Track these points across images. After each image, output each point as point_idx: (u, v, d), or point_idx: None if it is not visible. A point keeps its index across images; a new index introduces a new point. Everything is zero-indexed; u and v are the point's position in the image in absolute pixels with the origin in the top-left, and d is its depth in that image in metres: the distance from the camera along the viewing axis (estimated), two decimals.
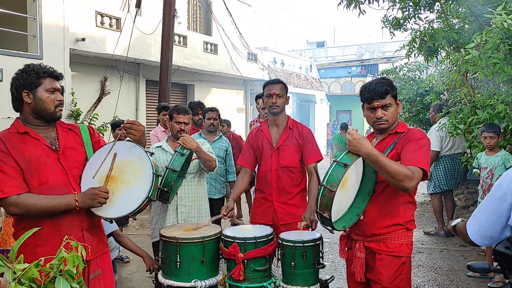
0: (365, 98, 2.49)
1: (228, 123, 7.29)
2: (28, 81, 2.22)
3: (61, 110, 2.36)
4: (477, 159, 5.06)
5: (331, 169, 2.26)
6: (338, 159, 2.28)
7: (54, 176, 2.25)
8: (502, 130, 4.95)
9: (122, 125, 2.45)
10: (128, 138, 2.45)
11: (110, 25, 11.12)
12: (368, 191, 2.45)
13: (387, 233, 2.45)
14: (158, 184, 2.97)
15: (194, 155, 3.34)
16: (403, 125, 2.53)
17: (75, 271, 1.53)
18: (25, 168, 2.19)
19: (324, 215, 2.26)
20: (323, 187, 2.25)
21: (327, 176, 2.26)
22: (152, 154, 2.47)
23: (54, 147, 2.31)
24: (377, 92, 2.42)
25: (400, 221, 2.46)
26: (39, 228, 1.73)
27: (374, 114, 2.47)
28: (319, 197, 2.28)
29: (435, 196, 6.61)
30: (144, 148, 2.47)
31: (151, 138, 5.55)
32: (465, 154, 6.54)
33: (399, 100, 2.52)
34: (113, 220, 2.62)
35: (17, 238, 2.18)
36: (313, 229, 3.09)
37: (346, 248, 2.69)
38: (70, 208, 2.22)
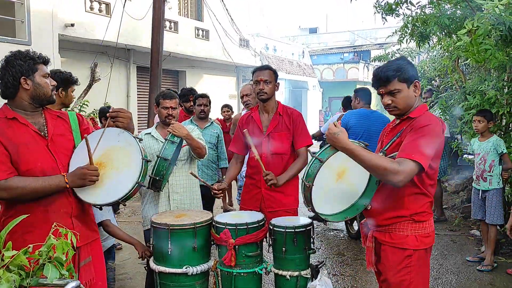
0: (372, 84, 2.44)
1: (231, 108, 7.35)
2: (25, 67, 2.21)
3: (55, 94, 2.39)
4: (471, 145, 5.11)
5: (310, 164, 2.27)
6: (317, 154, 2.25)
7: (42, 163, 2.23)
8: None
9: (108, 114, 2.43)
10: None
11: (100, 10, 10.96)
12: (376, 180, 2.34)
13: (391, 225, 2.31)
14: (149, 172, 2.96)
15: (184, 141, 3.32)
16: (420, 110, 2.32)
17: (64, 258, 1.52)
18: (13, 154, 2.17)
19: (308, 208, 2.28)
20: (302, 182, 2.27)
21: (306, 172, 2.27)
22: (140, 140, 2.46)
23: (42, 133, 2.29)
24: (379, 79, 2.32)
25: (405, 213, 2.28)
26: (27, 215, 1.72)
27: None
28: (302, 191, 2.31)
29: (437, 183, 6.61)
30: (133, 134, 2.46)
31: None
32: (456, 140, 6.59)
33: (417, 81, 2.31)
34: (103, 208, 2.61)
35: (5, 226, 2.17)
36: (266, 180, 3.11)
37: (366, 236, 2.55)
38: (60, 189, 2.21)
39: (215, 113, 8.28)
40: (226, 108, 7.38)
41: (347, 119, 5.08)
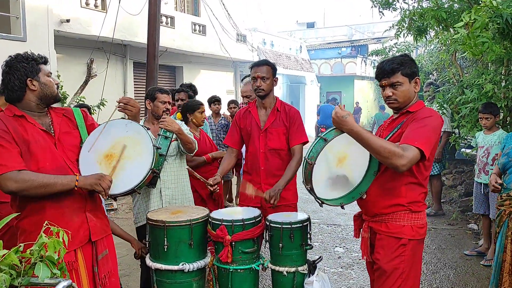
0: (375, 76, 2.50)
1: (237, 104, 7.25)
2: (29, 68, 2.25)
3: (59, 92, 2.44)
4: (475, 138, 5.09)
5: (314, 143, 2.33)
6: (322, 134, 2.33)
7: (51, 161, 2.26)
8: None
9: (117, 101, 2.54)
10: (121, 116, 2.47)
11: (96, 6, 10.89)
12: (374, 171, 2.43)
13: (389, 214, 2.39)
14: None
15: (174, 136, 3.31)
16: (419, 104, 2.42)
17: (56, 257, 1.50)
18: (24, 151, 2.19)
19: (307, 187, 2.34)
20: (305, 160, 2.33)
21: (309, 150, 2.32)
22: (148, 128, 2.49)
23: (50, 132, 2.32)
24: (383, 71, 2.39)
25: (402, 202, 2.37)
26: (17, 213, 1.70)
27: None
28: (303, 169, 2.36)
29: (437, 177, 6.61)
30: None
31: None
32: (453, 134, 6.57)
33: (417, 78, 2.41)
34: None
35: (20, 227, 2.19)
36: (271, 204, 3.04)
37: (359, 229, 2.65)
38: (68, 188, 2.21)
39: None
40: (233, 104, 7.31)
41: (324, 107, 12.90)
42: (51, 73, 2.36)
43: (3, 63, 2.28)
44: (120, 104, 2.55)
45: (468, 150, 6.23)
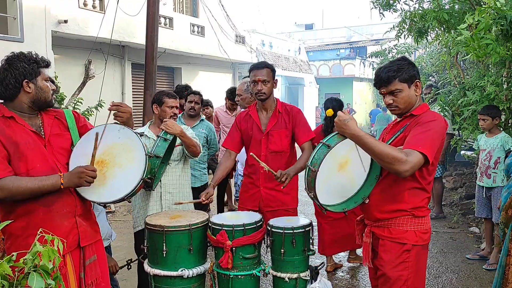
0: (373, 84, 2.46)
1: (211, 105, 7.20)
2: (29, 70, 2.19)
3: (54, 98, 2.37)
4: (477, 140, 5.04)
5: (316, 150, 2.28)
6: (324, 140, 2.27)
7: (41, 163, 2.20)
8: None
9: (108, 108, 2.44)
10: (115, 121, 2.42)
11: (94, 7, 10.83)
12: (376, 175, 2.38)
13: (391, 219, 2.33)
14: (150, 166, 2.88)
15: (178, 141, 3.23)
16: (422, 108, 2.36)
17: (51, 266, 1.44)
18: (13, 153, 2.13)
19: (310, 194, 2.29)
20: (307, 167, 2.27)
21: (312, 157, 2.27)
22: (141, 135, 2.42)
23: (40, 134, 2.26)
24: (381, 79, 2.34)
25: (405, 207, 2.31)
26: (11, 221, 1.64)
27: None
28: (305, 176, 2.31)
29: (438, 180, 6.56)
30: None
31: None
32: (454, 137, 6.52)
33: (418, 81, 2.34)
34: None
35: (7, 232, 2.13)
36: (282, 182, 3.02)
37: (362, 234, 2.59)
38: (55, 188, 2.16)
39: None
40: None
41: (375, 111, 15.99)
42: (50, 78, 2.30)
43: (4, 58, 2.22)
44: (112, 111, 2.45)
45: (469, 153, 6.19)
